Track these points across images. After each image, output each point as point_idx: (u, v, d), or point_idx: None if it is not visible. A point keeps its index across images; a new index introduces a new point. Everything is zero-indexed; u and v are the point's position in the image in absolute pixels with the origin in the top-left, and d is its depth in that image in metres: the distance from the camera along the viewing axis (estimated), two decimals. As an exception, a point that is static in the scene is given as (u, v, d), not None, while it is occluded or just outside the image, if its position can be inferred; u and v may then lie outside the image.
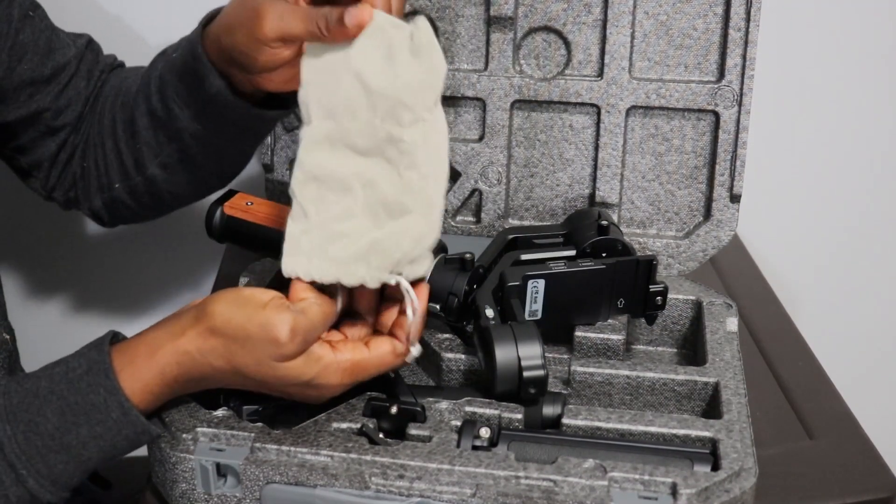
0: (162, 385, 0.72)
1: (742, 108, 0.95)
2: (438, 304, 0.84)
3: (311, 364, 0.72)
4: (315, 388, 0.73)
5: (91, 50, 0.98)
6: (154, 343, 0.72)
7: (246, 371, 0.71)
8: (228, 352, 0.71)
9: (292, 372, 0.71)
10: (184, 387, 0.74)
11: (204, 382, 0.74)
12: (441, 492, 0.71)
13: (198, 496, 0.75)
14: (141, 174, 0.93)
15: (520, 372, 0.76)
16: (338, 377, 0.73)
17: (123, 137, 0.93)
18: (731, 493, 0.70)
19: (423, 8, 0.99)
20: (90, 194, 0.98)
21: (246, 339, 0.70)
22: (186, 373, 0.72)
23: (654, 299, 0.89)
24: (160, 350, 0.72)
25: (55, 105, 0.95)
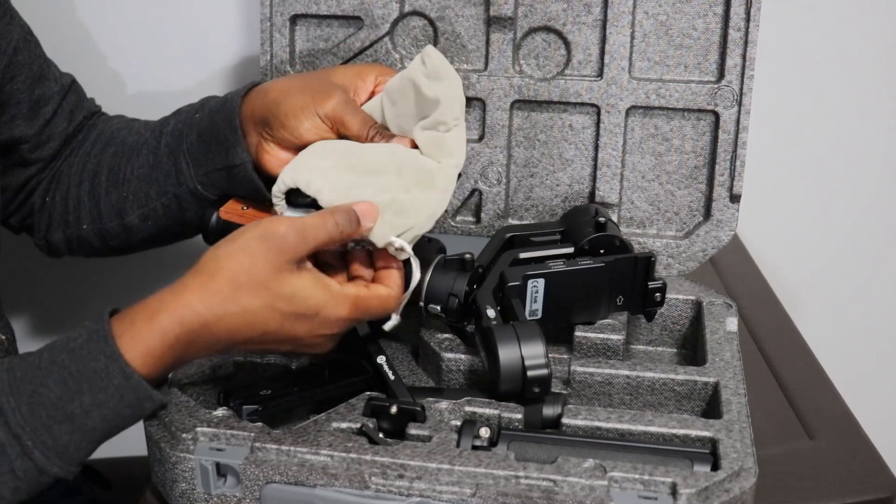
0: (164, 347, 0.71)
1: (742, 108, 0.95)
2: (439, 304, 0.84)
3: (319, 288, 0.73)
4: (321, 323, 0.74)
5: (74, 91, 1.01)
6: (155, 304, 0.72)
7: (252, 306, 0.71)
8: (232, 286, 0.71)
9: (301, 291, 0.72)
10: (187, 349, 0.72)
11: (208, 342, 0.72)
12: (441, 491, 0.71)
13: (198, 496, 0.75)
14: (118, 220, 0.95)
15: (523, 371, 0.76)
16: (345, 309, 0.74)
17: (105, 184, 0.95)
18: (730, 493, 0.70)
19: (423, 8, 0.99)
20: (49, 228, 1.00)
21: (249, 260, 0.71)
22: (189, 331, 0.71)
23: (652, 296, 0.89)
24: (161, 310, 0.71)
25: (36, 139, 0.96)
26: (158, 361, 0.71)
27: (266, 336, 0.73)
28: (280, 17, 1.00)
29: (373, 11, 0.98)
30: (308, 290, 0.73)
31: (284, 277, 0.72)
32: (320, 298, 0.73)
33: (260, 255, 0.71)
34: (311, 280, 0.73)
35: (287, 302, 0.72)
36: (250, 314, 0.71)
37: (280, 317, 0.72)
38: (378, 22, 0.99)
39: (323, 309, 0.73)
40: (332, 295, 0.74)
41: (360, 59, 1.00)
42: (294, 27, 1.01)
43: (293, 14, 1.00)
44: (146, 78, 1.23)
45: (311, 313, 0.73)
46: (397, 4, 0.98)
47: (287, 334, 0.74)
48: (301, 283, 0.73)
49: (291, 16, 1.00)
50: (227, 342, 0.73)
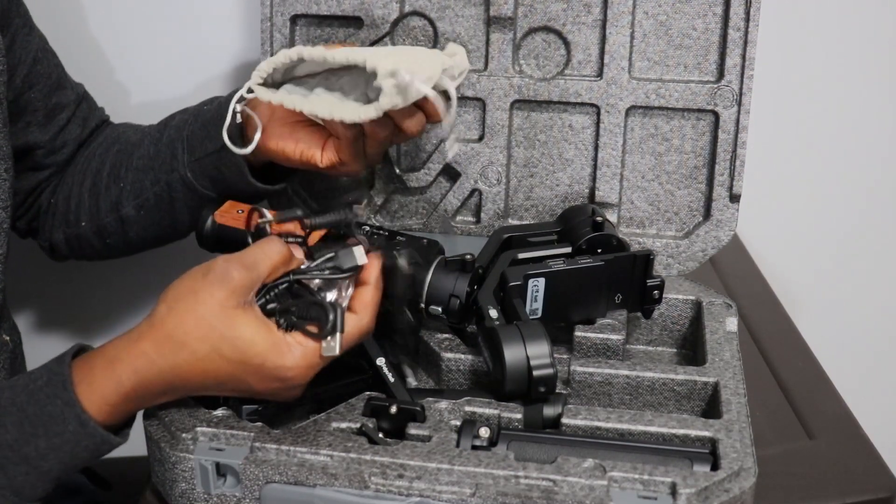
0: (120, 396, 0.71)
1: (741, 108, 0.95)
2: (440, 306, 0.84)
3: (261, 332, 0.70)
4: (269, 376, 0.71)
5: (86, 99, 1.03)
6: (112, 352, 0.71)
7: (201, 352, 0.70)
8: (181, 331, 0.70)
9: (244, 334, 0.69)
10: (144, 397, 0.72)
11: (166, 390, 0.72)
12: (440, 491, 0.71)
13: (197, 496, 0.75)
14: (114, 214, 0.96)
15: (529, 371, 0.76)
16: (291, 359, 0.71)
17: (106, 181, 0.96)
18: (730, 493, 0.70)
19: (423, 8, 0.99)
20: (52, 227, 1.01)
21: (194, 299, 0.70)
22: (145, 380, 0.71)
23: (651, 293, 0.90)
24: (117, 359, 0.71)
25: (51, 144, 0.98)
26: (115, 409, 0.71)
27: (223, 385, 0.72)
28: (280, 18, 1.00)
29: (373, 11, 0.98)
30: (251, 333, 0.70)
31: (228, 316, 0.70)
32: (262, 346, 0.70)
33: (203, 292, 0.70)
34: (254, 322, 0.71)
35: (231, 347, 0.70)
36: (200, 361, 0.70)
37: (227, 365, 0.70)
38: (378, 22, 0.99)
39: (267, 359, 0.71)
40: (274, 343, 0.71)
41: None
42: (294, 27, 1.01)
43: (293, 14, 1.00)
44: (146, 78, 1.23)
45: (257, 363, 0.70)
46: (397, 4, 0.98)
47: (242, 385, 0.72)
48: (245, 323, 0.70)
49: (292, 16, 1.00)
50: (186, 390, 0.73)
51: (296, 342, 0.71)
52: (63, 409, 0.70)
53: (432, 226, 1.03)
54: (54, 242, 1.01)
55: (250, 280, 0.71)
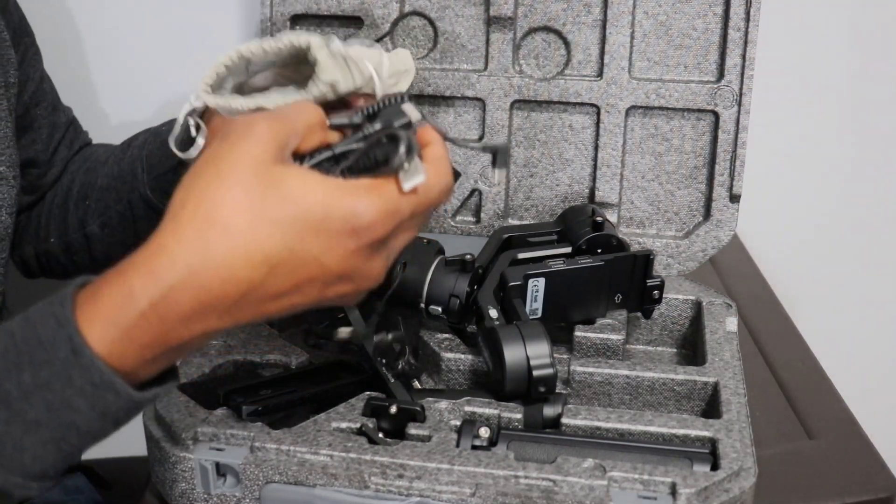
0: (132, 316, 0.52)
1: (742, 108, 0.95)
2: (440, 306, 0.84)
3: (314, 181, 0.53)
4: (339, 231, 0.54)
5: (74, 124, 1.03)
6: (126, 261, 0.55)
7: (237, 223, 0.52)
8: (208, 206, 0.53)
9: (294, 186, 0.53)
10: (168, 319, 0.53)
11: (198, 301, 0.53)
12: (440, 491, 0.71)
13: (197, 496, 0.75)
14: (80, 231, 0.95)
15: (529, 371, 0.76)
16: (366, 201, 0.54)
17: (75, 198, 0.96)
18: (730, 493, 0.70)
19: (423, 8, 0.99)
20: (22, 242, 1.00)
21: (216, 168, 0.54)
22: (166, 291, 0.52)
23: (650, 293, 0.90)
24: (131, 266, 0.54)
25: (47, 165, 0.98)
26: (128, 338, 0.53)
27: (277, 275, 0.54)
28: (280, 18, 1.00)
29: (373, 11, 0.99)
30: (301, 183, 0.53)
31: (268, 172, 0.53)
32: (320, 193, 0.53)
33: (228, 155, 0.54)
34: (303, 173, 0.54)
35: (280, 203, 0.53)
36: (240, 238, 0.52)
37: (279, 232, 0.53)
38: (378, 22, 0.99)
39: (331, 205, 0.53)
40: (336, 186, 0.54)
41: (360, 59, 1.00)
42: (294, 27, 1.01)
43: (293, 14, 1.00)
44: (146, 77, 1.23)
45: (319, 215, 0.53)
46: (397, 4, 0.98)
47: (306, 266, 0.54)
48: (291, 175, 0.54)
49: (291, 16, 1.00)
50: (225, 303, 0.54)
51: (362, 182, 0.55)
52: (55, 329, 0.53)
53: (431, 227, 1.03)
54: (25, 258, 1.01)
55: (284, 133, 0.55)
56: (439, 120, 1.01)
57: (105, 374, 0.53)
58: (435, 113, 1.01)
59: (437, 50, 1.00)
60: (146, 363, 0.55)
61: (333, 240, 0.54)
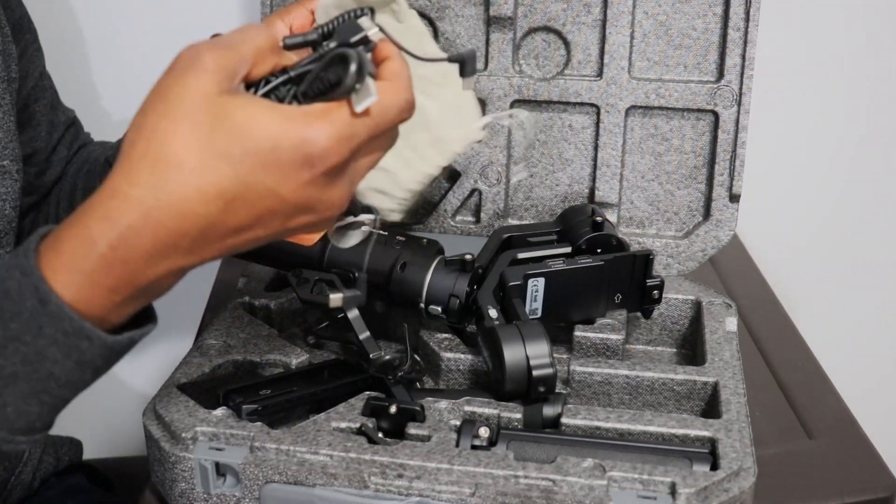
0: (96, 259, 0.52)
1: (741, 108, 0.95)
2: (440, 306, 0.84)
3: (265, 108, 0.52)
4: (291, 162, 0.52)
5: (75, 125, 1.03)
6: (83, 210, 0.54)
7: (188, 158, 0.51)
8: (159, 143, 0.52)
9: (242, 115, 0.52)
10: (127, 264, 0.52)
11: (155, 247, 0.52)
12: (440, 491, 0.71)
13: (197, 496, 0.75)
14: None
15: (529, 371, 0.76)
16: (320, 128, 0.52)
17: (79, 202, 0.94)
18: (730, 493, 0.70)
19: (423, 8, 0.99)
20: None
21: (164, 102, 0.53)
22: (123, 232, 0.52)
23: (650, 293, 0.90)
24: (88, 210, 0.53)
25: (45, 163, 0.98)
26: (93, 283, 0.52)
27: (232, 210, 0.53)
28: (280, 18, 1.00)
29: (372, 11, 0.99)
30: (249, 113, 0.52)
31: (215, 104, 0.52)
32: (269, 122, 0.52)
33: (174, 87, 0.52)
34: (252, 102, 0.53)
35: (229, 136, 0.51)
36: (192, 175, 0.51)
37: (230, 167, 0.51)
38: (378, 22, 0.99)
39: (281, 135, 0.52)
40: (285, 115, 0.52)
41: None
42: (294, 27, 1.01)
43: (293, 14, 1.00)
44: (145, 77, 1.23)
45: (268, 146, 0.51)
46: (397, 4, 0.98)
47: (261, 198, 0.53)
48: (239, 106, 0.52)
49: (291, 16, 1.00)
50: (183, 240, 0.53)
51: (313, 108, 0.53)
52: (20, 280, 0.52)
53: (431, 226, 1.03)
54: None
55: (231, 61, 0.53)
56: (439, 120, 1.01)
57: (74, 320, 0.52)
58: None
59: (437, 50, 1.00)
60: (116, 306, 0.54)
61: (287, 171, 0.52)
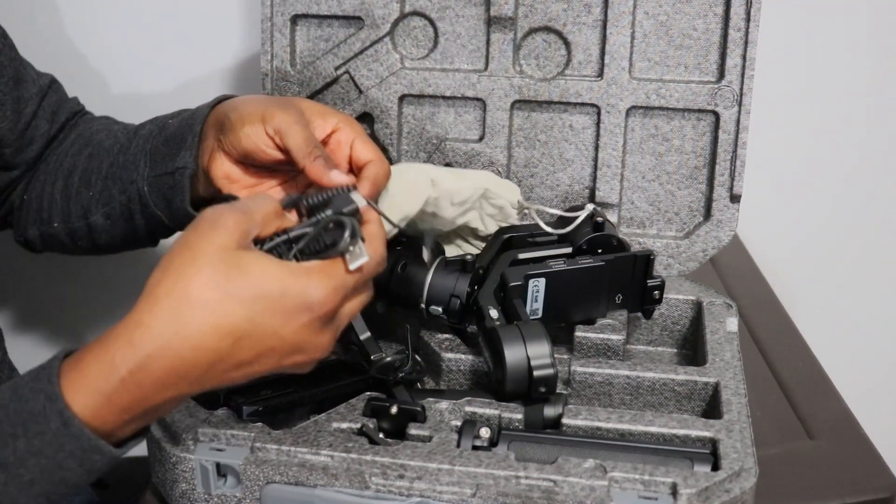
0: (115, 383, 0.60)
1: (742, 108, 0.95)
2: (440, 306, 0.84)
3: (273, 264, 0.62)
4: (295, 309, 0.61)
5: (54, 91, 1.00)
6: (105, 335, 0.61)
7: (206, 297, 0.60)
8: (180, 285, 0.60)
9: (255, 267, 0.61)
10: (145, 385, 0.60)
11: (172, 368, 0.60)
12: (441, 492, 0.71)
13: (198, 496, 0.75)
14: (83, 220, 0.95)
15: (529, 371, 0.76)
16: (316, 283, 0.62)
17: (77, 185, 0.95)
18: (731, 493, 0.70)
19: (423, 8, 0.99)
20: (26, 224, 1.00)
21: (189, 252, 0.61)
22: (143, 360, 0.59)
23: (651, 294, 0.90)
24: (112, 338, 0.60)
25: (18, 142, 0.97)
26: (110, 403, 0.60)
27: (241, 346, 0.61)
28: (280, 17, 1.00)
29: (373, 11, 0.98)
30: (261, 266, 0.61)
31: (233, 256, 0.61)
32: (278, 274, 0.61)
33: (199, 242, 0.62)
34: (262, 257, 0.62)
35: (243, 283, 0.60)
36: (208, 312, 0.60)
37: (242, 308, 0.60)
38: (378, 22, 0.99)
39: (287, 286, 0.61)
40: (290, 271, 0.62)
41: (361, 59, 1.00)
42: (295, 27, 1.01)
43: (294, 14, 1.00)
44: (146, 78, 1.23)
45: (277, 293, 0.61)
46: (398, 4, 0.98)
47: (265, 338, 0.62)
48: (252, 260, 0.62)
49: (292, 16, 1.00)
50: (195, 370, 0.61)
51: (313, 266, 0.63)
52: (45, 404, 0.60)
53: None
54: (29, 238, 1.00)
55: (246, 223, 0.63)
56: (440, 121, 1.01)
57: (92, 439, 0.60)
58: (435, 113, 1.01)
59: (437, 50, 1.00)
60: (123, 424, 0.62)
61: (289, 314, 0.61)
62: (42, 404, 0.60)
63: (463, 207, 0.89)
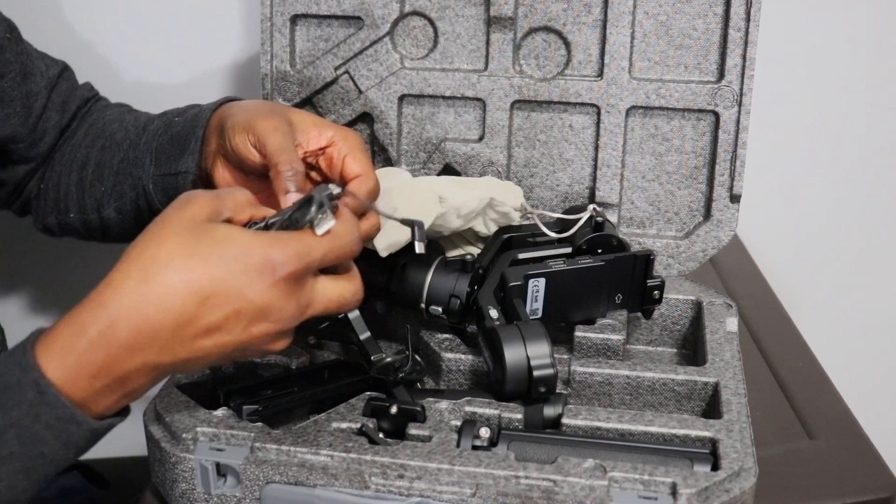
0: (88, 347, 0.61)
1: (742, 108, 0.95)
2: (440, 306, 0.84)
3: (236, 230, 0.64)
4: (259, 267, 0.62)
5: (65, 79, 1.00)
6: (79, 303, 0.63)
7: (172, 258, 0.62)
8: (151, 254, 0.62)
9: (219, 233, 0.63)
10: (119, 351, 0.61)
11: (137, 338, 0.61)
12: (441, 492, 0.71)
13: (198, 496, 0.75)
14: (97, 213, 0.96)
15: (529, 371, 0.76)
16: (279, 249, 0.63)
17: (90, 178, 0.96)
18: (730, 493, 0.70)
19: (423, 8, 0.99)
20: (45, 212, 1.01)
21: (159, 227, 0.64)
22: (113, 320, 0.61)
23: (651, 293, 0.90)
24: (85, 303, 0.62)
25: (31, 136, 0.97)
26: (80, 365, 0.61)
27: (203, 306, 0.62)
28: (280, 17, 1.00)
29: (373, 11, 0.98)
30: (227, 231, 0.63)
31: (201, 226, 0.63)
32: (242, 238, 0.63)
33: (170, 216, 0.64)
34: (230, 227, 0.65)
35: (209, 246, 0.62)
36: (174, 270, 0.61)
37: (207, 267, 0.62)
38: (378, 22, 0.99)
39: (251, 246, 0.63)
40: (256, 235, 0.64)
41: (360, 59, 1.00)
42: (294, 27, 1.01)
43: (293, 14, 1.00)
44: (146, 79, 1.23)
45: (239, 252, 0.62)
46: (397, 4, 0.98)
47: (224, 292, 0.62)
48: (219, 228, 0.64)
49: (292, 16, 1.00)
50: (162, 325, 0.62)
51: (280, 233, 0.65)
52: (20, 375, 0.61)
53: None
54: (48, 225, 1.02)
55: (217, 203, 0.65)
56: (440, 121, 1.01)
57: (68, 407, 0.61)
58: (435, 113, 1.01)
59: (437, 50, 1.00)
60: (96, 393, 0.62)
61: (252, 274, 0.62)
62: (17, 376, 0.61)
63: (469, 218, 0.90)
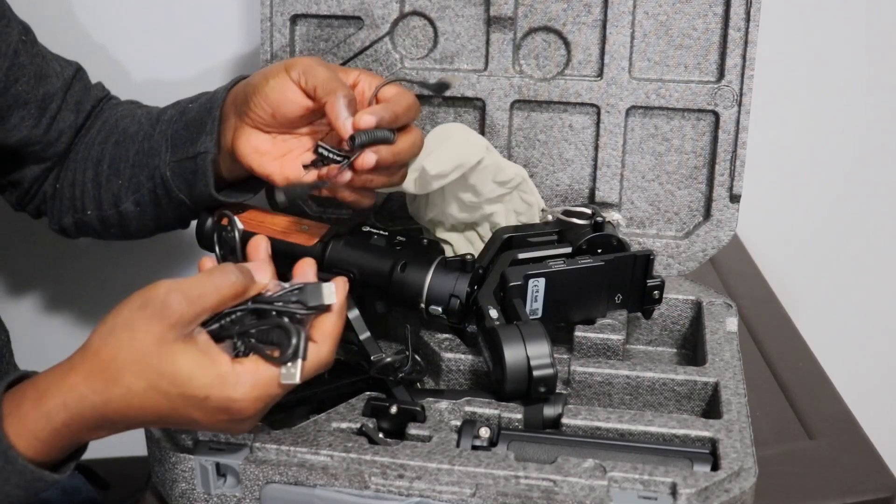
0: (51, 431, 0.66)
1: (742, 108, 0.95)
2: (440, 306, 0.84)
3: (204, 366, 0.65)
4: (215, 409, 0.66)
5: (79, 80, 1.01)
6: (43, 385, 0.67)
7: (136, 388, 0.65)
8: (115, 366, 0.65)
9: (184, 370, 0.64)
10: (79, 432, 0.67)
11: (102, 424, 0.67)
12: (441, 491, 0.71)
13: (197, 496, 0.75)
14: (115, 208, 0.96)
15: (529, 371, 0.76)
16: (240, 390, 0.66)
17: (106, 173, 0.96)
18: (730, 493, 0.70)
19: (423, 8, 0.99)
20: (61, 212, 1.01)
21: (129, 334, 0.65)
22: (77, 415, 0.66)
23: (651, 293, 0.90)
24: (48, 392, 0.66)
25: (45, 138, 0.97)
26: (47, 445, 0.67)
27: (165, 420, 0.67)
28: (280, 17, 1.00)
29: (373, 11, 0.98)
30: (191, 367, 0.65)
31: (167, 351, 0.65)
32: (205, 379, 0.65)
33: (140, 326, 0.65)
34: (196, 356, 0.65)
35: (171, 383, 0.65)
36: (137, 397, 0.65)
37: (167, 400, 0.65)
38: (378, 22, 0.99)
39: (211, 392, 0.65)
40: (219, 375, 0.65)
41: (361, 59, 1.00)
42: (294, 27, 1.01)
43: (293, 14, 1.00)
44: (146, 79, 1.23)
45: (200, 396, 0.65)
46: (397, 4, 0.98)
47: (185, 418, 0.67)
48: (185, 359, 0.65)
49: (292, 16, 1.00)
50: (125, 424, 0.68)
51: (245, 371, 0.66)
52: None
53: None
54: (64, 225, 1.01)
55: (192, 314, 0.66)
56: (440, 120, 1.01)
57: (35, 472, 0.67)
58: (435, 113, 1.01)
59: (437, 50, 1.00)
60: (61, 453, 0.69)
61: (210, 412, 0.66)
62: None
63: (499, 192, 0.90)
